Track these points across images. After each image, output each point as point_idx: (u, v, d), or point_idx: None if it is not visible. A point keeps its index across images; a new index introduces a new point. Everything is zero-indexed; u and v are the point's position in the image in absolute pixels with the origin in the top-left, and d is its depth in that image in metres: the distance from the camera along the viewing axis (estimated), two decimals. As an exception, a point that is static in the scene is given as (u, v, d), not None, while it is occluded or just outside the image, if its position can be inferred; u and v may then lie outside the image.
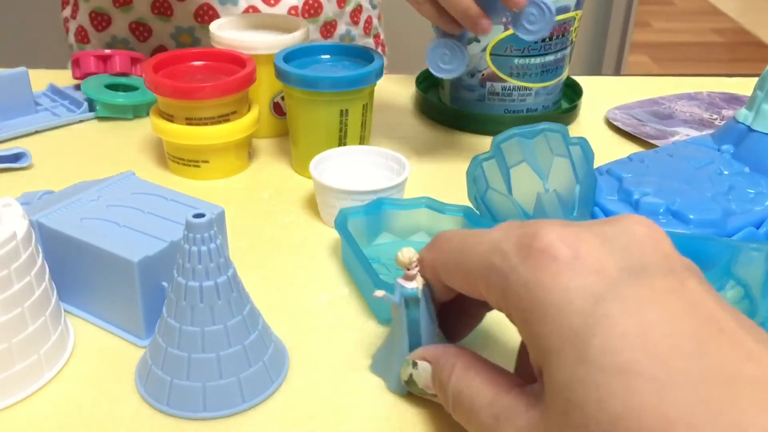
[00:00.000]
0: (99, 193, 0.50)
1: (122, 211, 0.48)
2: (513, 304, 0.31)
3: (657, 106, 0.80)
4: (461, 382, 0.35)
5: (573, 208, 0.52)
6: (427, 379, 0.38)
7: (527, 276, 0.31)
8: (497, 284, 0.32)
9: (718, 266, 0.49)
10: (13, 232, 0.40)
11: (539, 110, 0.75)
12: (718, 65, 3.10)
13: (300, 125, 0.64)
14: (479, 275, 0.34)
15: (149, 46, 0.88)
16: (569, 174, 0.52)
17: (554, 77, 0.74)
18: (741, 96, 0.83)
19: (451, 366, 0.36)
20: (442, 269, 0.37)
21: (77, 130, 0.73)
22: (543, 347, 0.30)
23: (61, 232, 0.45)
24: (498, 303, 0.33)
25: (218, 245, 0.38)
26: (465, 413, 0.35)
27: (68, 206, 0.48)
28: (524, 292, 0.31)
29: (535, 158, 0.52)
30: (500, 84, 0.73)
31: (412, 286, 0.39)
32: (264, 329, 0.42)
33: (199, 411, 0.40)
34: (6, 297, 0.40)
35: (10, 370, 0.41)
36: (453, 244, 0.36)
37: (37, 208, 0.48)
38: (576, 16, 0.72)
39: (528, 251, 0.31)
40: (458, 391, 0.35)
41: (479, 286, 0.34)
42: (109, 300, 0.46)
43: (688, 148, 0.63)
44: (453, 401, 0.36)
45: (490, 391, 0.34)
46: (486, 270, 0.33)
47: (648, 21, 3.50)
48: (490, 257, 0.33)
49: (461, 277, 0.36)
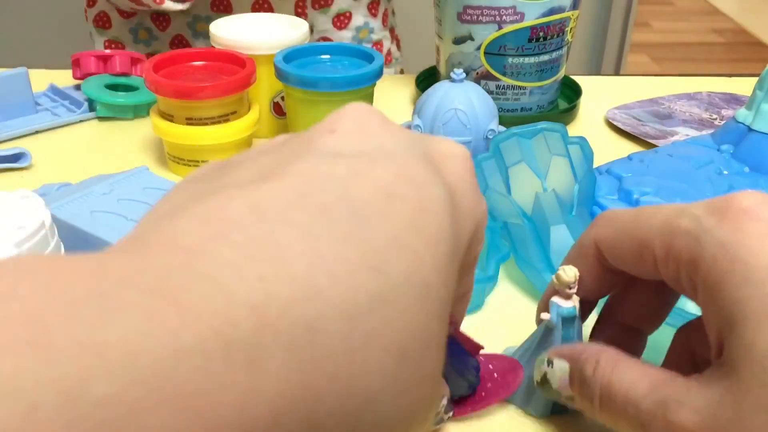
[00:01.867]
0: (111, 186, 0.51)
1: (132, 205, 0.48)
2: (705, 268, 0.29)
3: (657, 106, 0.80)
4: (610, 375, 0.32)
5: (572, 208, 0.52)
6: (562, 378, 0.36)
7: (726, 237, 0.28)
8: (684, 248, 0.30)
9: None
10: (41, 221, 0.41)
11: (534, 109, 0.75)
12: (718, 65, 3.10)
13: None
14: (659, 242, 0.32)
15: (168, 35, 0.89)
16: (568, 173, 0.52)
17: (549, 77, 0.74)
18: (741, 96, 0.83)
19: (594, 361, 0.34)
20: (608, 245, 0.35)
21: (77, 130, 0.73)
22: (737, 314, 0.27)
23: (71, 224, 0.46)
24: (679, 271, 0.31)
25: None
26: (619, 406, 0.32)
27: (80, 198, 0.49)
28: (722, 254, 0.28)
29: (534, 158, 0.52)
30: (494, 83, 0.73)
31: (569, 305, 0.38)
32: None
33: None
34: None
35: None
36: (623, 217, 0.34)
37: (51, 200, 0.48)
38: (572, 16, 0.72)
39: (726, 212, 0.29)
40: (608, 385, 0.32)
41: (656, 254, 0.32)
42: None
43: (688, 147, 0.63)
44: (601, 395, 0.33)
45: (645, 381, 0.31)
46: (669, 235, 0.31)
47: (648, 21, 3.50)
48: (675, 221, 0.31)
49: (632, 249, 0.33)
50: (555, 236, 0.49)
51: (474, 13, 0.70)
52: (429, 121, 0.62)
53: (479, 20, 0.71)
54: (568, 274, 0.37)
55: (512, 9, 0.69)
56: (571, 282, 0.37)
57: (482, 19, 0.70)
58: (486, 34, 0.71)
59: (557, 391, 0.36)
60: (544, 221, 0.50)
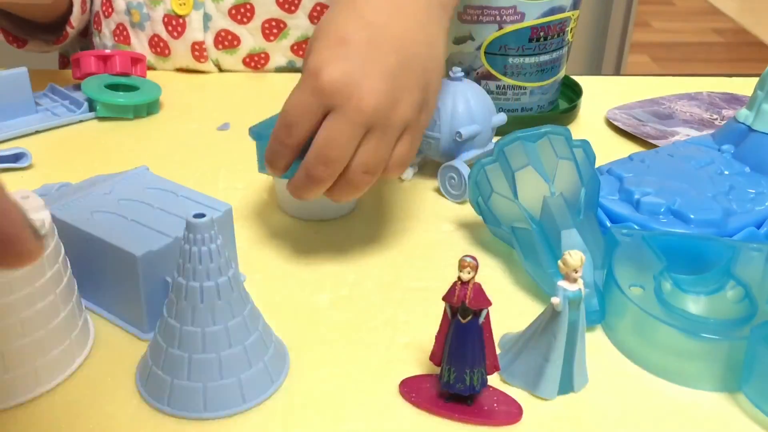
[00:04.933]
0: (112, 186, 0.50)
1: (132, 205, 0.48)
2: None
3: (657, 106, 0.80)
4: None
5: (579, 211, 0.51)
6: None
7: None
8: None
9: (718, 266, 0.49)
10: (42, 220, 0.41)
11: (534, 109, 0.75)
12: (718, 65, 3.10)
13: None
14: None
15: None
16: (574, 177, 0.52)
17: (550, 77, 0.74)
18: (741, 96, 0.83)
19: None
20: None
21: (77, 130, 0.73)
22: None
23: (70, 225, 0.46)
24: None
25: (219, 246, 0.38)
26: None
27: (81, 199, 0.49)
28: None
29: (540, 161, 0.52)
30: (495, 83, 0.73)
31: (576, 289, 0.40)
32: (264, 330, 0.42)
33: (199, 411, 0.40)
34: (42, 284, 0.40)
35: (48, 356, 0.41)
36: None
37: (51, 200, 0.48)
38: (572, 16, 0.72)
39: None
40: None
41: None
42: (114, 293, 0.46)
43: (689, 148, 0.63)
44: None
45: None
46: None
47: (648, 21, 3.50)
48: None
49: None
50: (565, 240, 0.49)
51: (474, 13, 0.70)
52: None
53: (479, 20, 0.71)
54: (575, 257, 0.39)
55: (513, 9, 0.69)
56: (578, 265, 0.39)
57: (482, 19, 0.70)
58: (486, 34, 0.71)
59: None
60: (553, 225, 0.50)
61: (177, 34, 0.83)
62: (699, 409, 0.42)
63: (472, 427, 0.40)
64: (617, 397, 0.43)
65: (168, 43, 0.84)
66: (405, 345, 0.46)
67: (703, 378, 0.43)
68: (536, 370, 0.42)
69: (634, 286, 0.46)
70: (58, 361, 0.42)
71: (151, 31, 0.84)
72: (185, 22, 0.83)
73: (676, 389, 0.43)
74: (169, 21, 0.83)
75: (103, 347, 0.45)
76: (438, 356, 0.41)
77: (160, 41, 0.84)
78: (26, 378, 0.41)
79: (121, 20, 0.85)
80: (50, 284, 0.41)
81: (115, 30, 0.86)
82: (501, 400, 0.41)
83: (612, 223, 0.54)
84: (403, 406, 0.41)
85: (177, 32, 0.83)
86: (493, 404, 0.41)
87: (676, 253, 0.49)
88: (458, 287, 0.38)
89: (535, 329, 0.42)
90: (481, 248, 0.56)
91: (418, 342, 0.46)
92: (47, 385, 0.41)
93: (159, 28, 0.83)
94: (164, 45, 0.84)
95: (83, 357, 0.44)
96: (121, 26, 0.86)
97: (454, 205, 0.61)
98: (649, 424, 0.41)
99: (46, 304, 0.41)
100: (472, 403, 0.41)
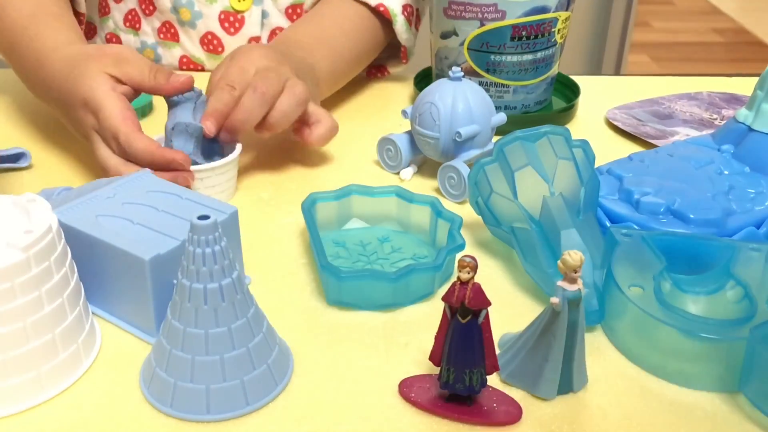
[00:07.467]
0: (115, 190, 0.50)
1: (137, 209, 0.48)
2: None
3: (657, 106, 0.80)
4: None
5: (579, 211, 0.52)
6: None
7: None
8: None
9: (718, 266, 0.49)
10: (49, 224, 0.41)
11: (519, 108, 0.75)
12: (718, 65, 3.10)
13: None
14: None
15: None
16: (574, 177, 0.52)
17: (534, 77, 0.74)
18: (741, 96, 0.83)
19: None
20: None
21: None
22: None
23: (76, 229, 0.46)
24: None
25: (223, 247, 0.38)
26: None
27: (85, 203, 0.49)
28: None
29: (539, 161, 0.52)
30: (477, 79, 0.73)
31: (575, 289, 0.40)
32: (268, 331, 0.42)
33: (202, 413, 0.40)
34: (49, 288, 0.40)
35: (56, 360, 0.41)
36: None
37: (54, 205, 0.48)
38: (560, 17, 0.72)
39: None
40: None
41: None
42: (122, 297, 0.46)
43: (689, 148, 0.63)
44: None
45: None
46: None
47: (648, 21, 3.50)
48: None
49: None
50: (565, 240, 0.49)
51: (458, 8, 0.71)
52: (415, 111, 0.64)
53: (462, 16, 0.71)
54: (574, 257, 0.39)
55: (493, 6, 0.69)
56: (577, 266, 0.39)
57: (465, 15, 0.71)
58: (469, 30, 0.71)
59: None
60: (553, 225, 0.50)
61: (234, 30, 0.84)
62: (698, 409, 0.42)
63: (472, 427, 0.40)
64: (617, 397, 0.43)
65: (222, 40, 0.84)
66: (405, 345, 0.46)
67: (703, 378, 0.43)
68: (536, 370, 0.42)
69: (633, 286, 0.46)
70: (66, 366, 0.42)
71: (204, 29, 0.84)
72: (243, 18, 0.83)
73: (675, 389, 0.43)
74: (226, 17, 0.84)
75: (109, 351, 0.45)
76: (437, 356, 0.41)
77: (213, 38, 0.85)
78: (33, 382, 0.41)
79: (167, 18, 0.85)
80: (57, 288, 0.41)
81: (160, 28, 0.86)
82: (500, 400, 0.41)
83: (612, 223, 0.54)
84: (403, 406, 0.41)
85: (234, 28, 0.84)
86: (493, 404, 0.41)
87: (676, 253, 0.49)
88: (458, 287, 0.39)
89: (534, 329, 0.42)
90: (480, 248, 0.56)
91: (418, 342, 0.46)
92: (54, 389, 0.42)
93: (214, 25, 0.84)
94: (218, 42, 0.85)
95: (90, 361, 0.44)
96: (168, 24, 0.86)
97: (454, 205, 0.61)
98: (649, 424, 0.41)
99: (54, 309, 0.41)
100: (471, 403, 0.41)
